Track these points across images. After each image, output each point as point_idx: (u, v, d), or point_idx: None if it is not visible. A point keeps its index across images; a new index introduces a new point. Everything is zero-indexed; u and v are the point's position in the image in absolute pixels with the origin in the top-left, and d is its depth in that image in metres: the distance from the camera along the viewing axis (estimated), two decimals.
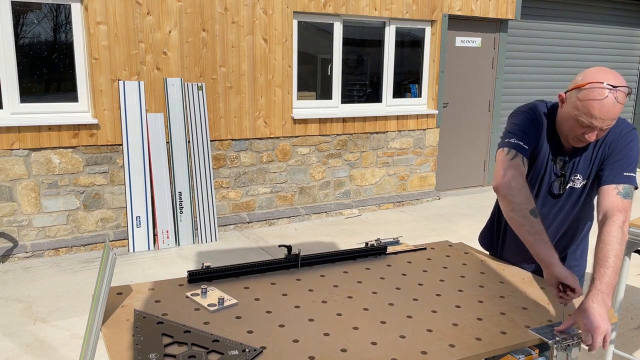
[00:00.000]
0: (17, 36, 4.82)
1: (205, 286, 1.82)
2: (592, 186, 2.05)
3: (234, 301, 1.77)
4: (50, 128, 4.88)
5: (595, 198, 2.04)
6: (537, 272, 2.19)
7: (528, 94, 8.10)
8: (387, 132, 6.76)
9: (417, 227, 6.04)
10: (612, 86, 1.77)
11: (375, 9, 6.36)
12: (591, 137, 1.86)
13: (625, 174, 1.92)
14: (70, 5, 4.93)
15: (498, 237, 2.33)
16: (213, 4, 5.42)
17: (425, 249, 2.36)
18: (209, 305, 1.74)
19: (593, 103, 1.79)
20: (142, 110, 5.15)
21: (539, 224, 1.90)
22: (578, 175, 2.03)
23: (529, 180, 2.04)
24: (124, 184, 5.15)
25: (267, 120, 5.91)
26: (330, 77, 6.43)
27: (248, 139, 5.84)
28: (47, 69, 5.02)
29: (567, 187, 2.04)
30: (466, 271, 2.12)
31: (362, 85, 6.81)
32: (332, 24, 6.27)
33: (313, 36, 6.29)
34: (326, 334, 1.59)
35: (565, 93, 1.92)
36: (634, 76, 9.51)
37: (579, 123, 1.85)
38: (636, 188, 1.94)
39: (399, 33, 6.75)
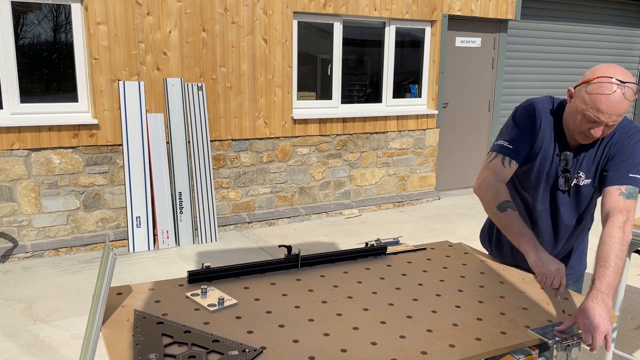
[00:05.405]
0: (17, 36, 4.82)
1: (205, 286, 1.82)
2: (599, 187, 2.04)
3: (234, 301, 1.77)
4: (50, 128, 4.88)
5: (599, 199, 2.04)
6: None
7: (528, 94, 8.10)
8: (387, 132, 6.76)
9: (417, 227, 6.04)
10: (621, 81, 1.78)
11: (375, 9, 6.36)
12: (597, 132, 1.86)
13: (630, 175, 1.91)
14: (70, 5, 4.93)
15: (497, 237, 2.33)
16: (213, 4, 5.42)
17: (425, 249, 2.36)
18: (209, 305, 1.74)
19: (601, 97, 1.79)
20: (142, 110, 5.15)
21: (507, 216, 1.98)
22: (581, 173, 2.02)
23: (532, 177, 2.07)
24: (124, 184, 5.15)
25: (267, 121, 5.91)
26: (330, 77, 6.42)
27: (248, 139, 5.84)
28: (47, 69, 5.02)
29: (573, 185, 2.04)
30: (466, 271, 2.12)
31: (362, 86, 6.81)
32: (332, 24, 6.27)
33: (313, 36, 6.29)
34: (326, 334, 1.59)
35: (574, 88, 1.92)
36: (634, 76, 9.49)
37: (586, 117, 1.85)
38: None
39: (399, 33, 6.75)
